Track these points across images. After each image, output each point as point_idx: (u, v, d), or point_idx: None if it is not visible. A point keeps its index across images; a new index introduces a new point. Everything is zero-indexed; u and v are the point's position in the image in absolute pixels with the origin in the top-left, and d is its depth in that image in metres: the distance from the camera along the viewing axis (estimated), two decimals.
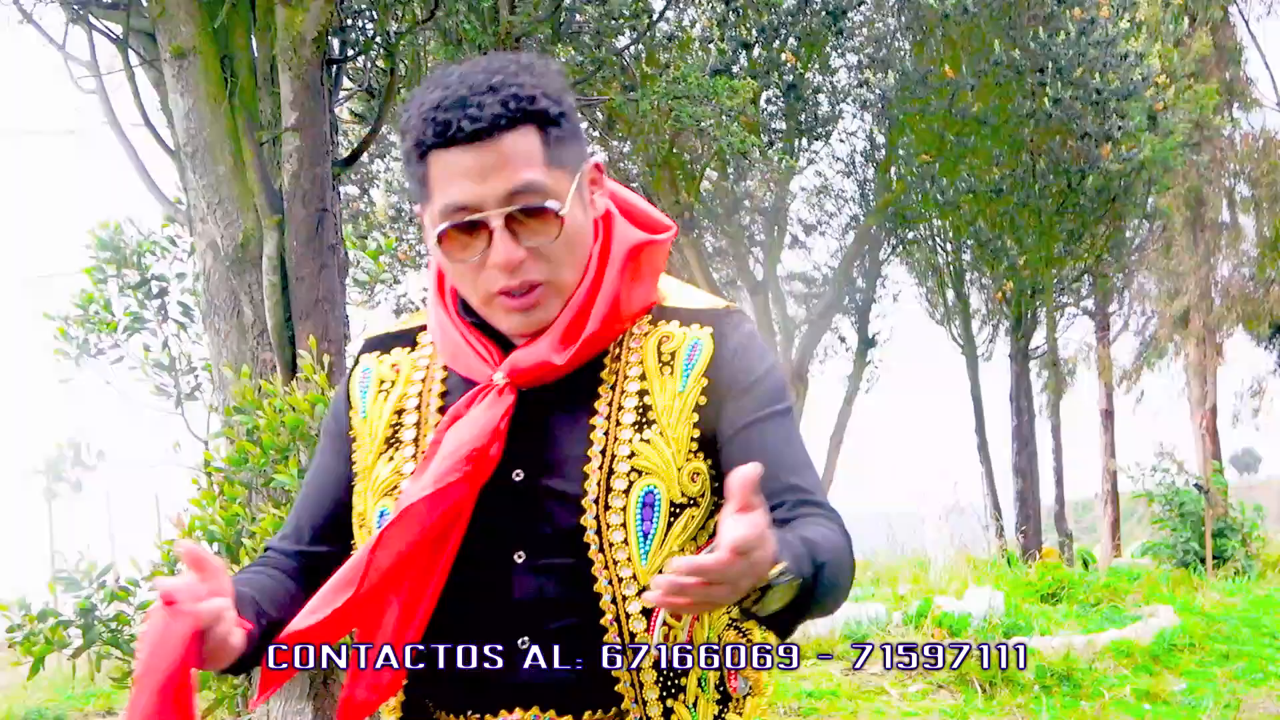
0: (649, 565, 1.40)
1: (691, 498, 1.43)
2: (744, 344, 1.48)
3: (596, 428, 1.43)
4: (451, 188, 1.37)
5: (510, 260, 1.37)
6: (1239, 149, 19.83)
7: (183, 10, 4.38)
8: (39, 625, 3.72)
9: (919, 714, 6.52)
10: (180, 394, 4.99)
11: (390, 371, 1.55)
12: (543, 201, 1.37)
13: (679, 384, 1.44)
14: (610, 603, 1.40)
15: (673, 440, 1.43)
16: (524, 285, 1.40)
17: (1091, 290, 19.41)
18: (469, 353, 1.46)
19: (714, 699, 1.47)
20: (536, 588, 1.41)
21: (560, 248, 1.40)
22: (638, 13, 9.18)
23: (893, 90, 14.27)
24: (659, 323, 1.49)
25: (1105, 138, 13.75)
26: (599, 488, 1.41)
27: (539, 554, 1.42)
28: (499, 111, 1.36)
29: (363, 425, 1.53)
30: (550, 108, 1.39)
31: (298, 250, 4.40)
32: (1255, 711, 6.80)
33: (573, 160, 1.42)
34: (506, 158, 1.36)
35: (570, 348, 1.43)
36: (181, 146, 4.49)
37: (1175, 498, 13.59)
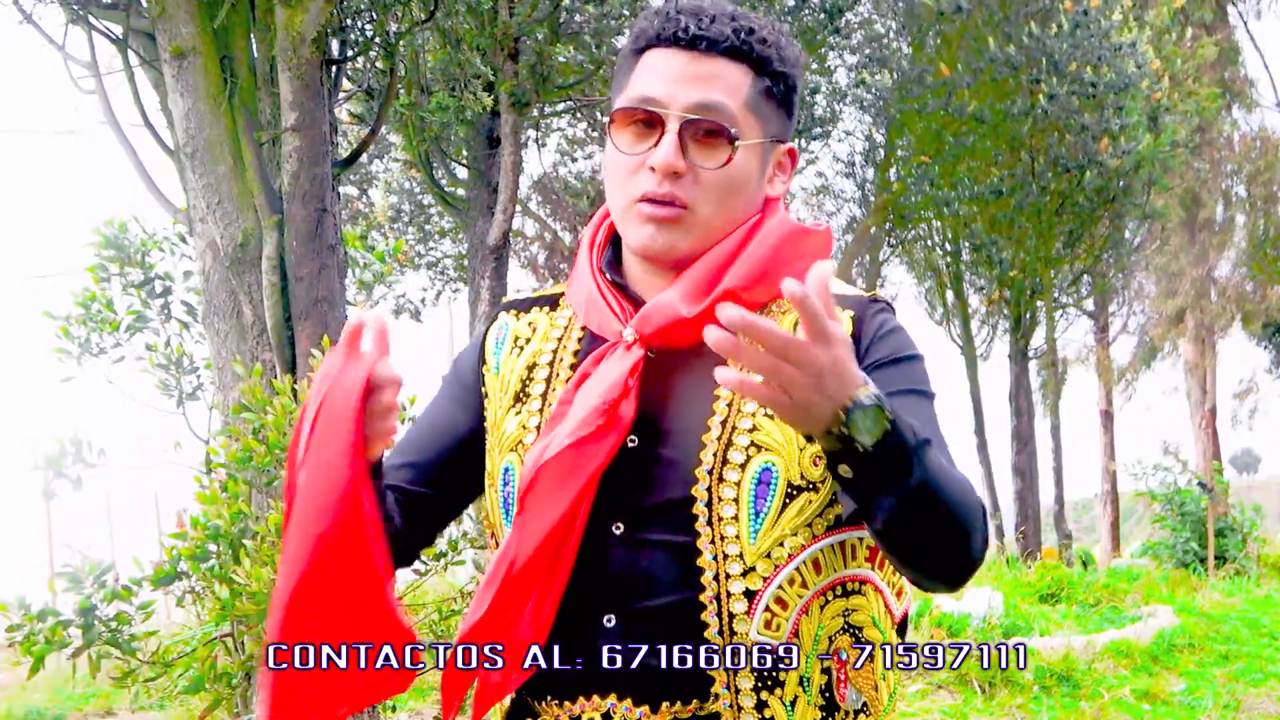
0: (758, 545, 1.33)
1: (812, 482, 1.35)
2: (885, 328, 1.41)
3: (721, 398, 1.37)
4: (650, 79, 1.37)
5: (669, 164, 1.34)
6: (1237, 149, 19.84)
7: (182, 10, 4.38)
8: (39, 625, 3.72)
9: (918, 714, 6.53)
10: (182, 393, 4.99)
11: (526, 329, 1.51)
12: (724, 125, 1.35)
13: None
14: (713, 579, 1.33)
15: None
16: (670, 197, 1.36)
17: (1091, 290, 19.41)
18: (603, 307, 1.42)
19: (817, 703, 1.36)
20: (630, 562, 1.35)
21: (718, 181, 1.37)
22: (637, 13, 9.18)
23: (890, 90, 14.28)
24: None
25: (1103, 132, 13.76)
26: (715, 459, 1.34)
27: (639, 527, 1.35)
28: (727, 33, 1.36)
29: (494, 380, 1.50)
30: (773, 61, 1.39)
31: (297, 250, 4.40)
32: (1255, 712, 6.80)
33: (772, 123, 1.41)
34: (711, 75, 1.36)
35: (701, 301, 1.36)
36: (181, 146, 4.49)
37: (1176, 497, 13.59)
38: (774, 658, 1.33)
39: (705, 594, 1.33)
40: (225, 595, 3.65)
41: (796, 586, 1.35)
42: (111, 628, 3.84)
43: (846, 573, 1.39)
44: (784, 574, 1.34)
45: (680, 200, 1.36)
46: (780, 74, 1.39)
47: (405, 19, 5.33)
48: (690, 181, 1.36)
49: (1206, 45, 17.56)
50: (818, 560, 1.36)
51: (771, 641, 1.33)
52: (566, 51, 9.07)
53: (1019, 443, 17.52)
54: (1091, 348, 21.33)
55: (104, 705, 7.74)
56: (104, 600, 3.84)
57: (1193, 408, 20.72)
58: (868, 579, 1.41)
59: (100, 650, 3.86)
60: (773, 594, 1.34)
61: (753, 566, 1.33)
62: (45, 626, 3.74)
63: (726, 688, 1.33)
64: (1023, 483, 17.37)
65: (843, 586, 1.39)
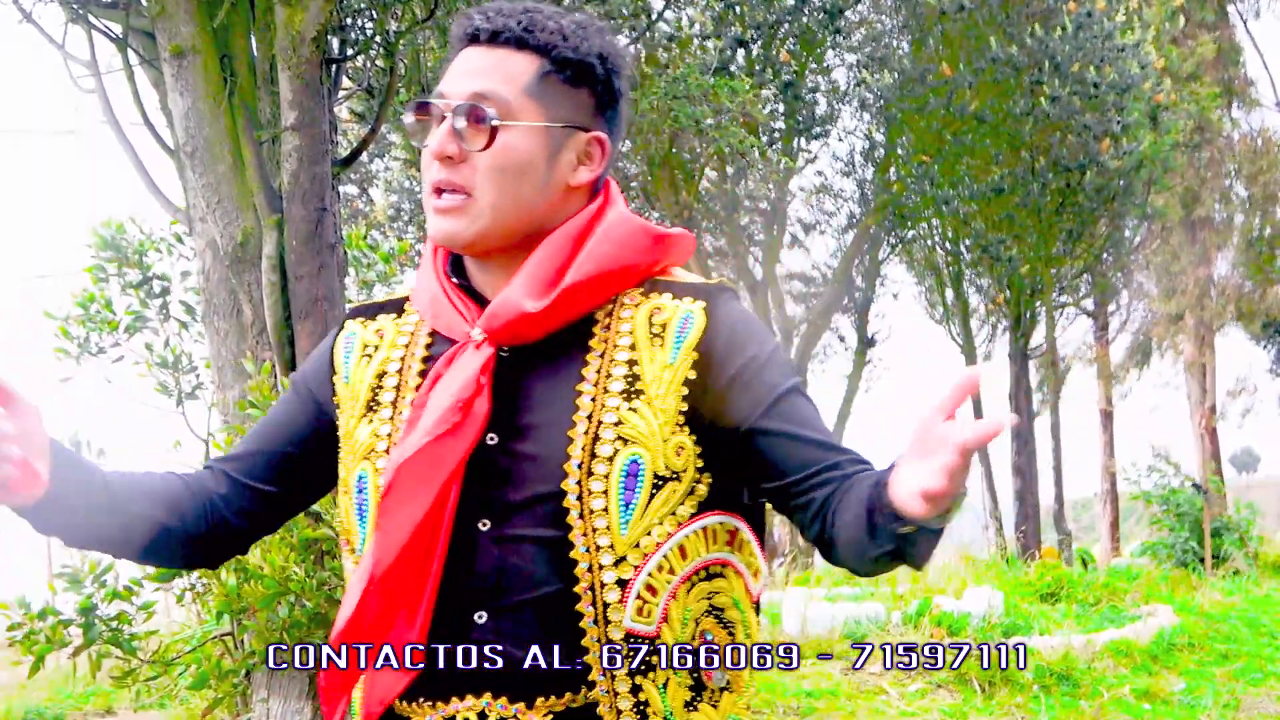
0: (628, 536, 1.37)
1: (675, 471, 1.39)
2: (741, 321, 1.44)
3: (583, 394, 1.40)
4: (446, 78, 1.43)
5: (440, 149, 1.39)
6: (1237, 148, 19.85)
7: (182, 10, 4.38)
8: (39, 624, 3.72)
9: (918, 714, 6.53)
10: (181, 393, 4.99)
11: (374, 337, 1.53)
12: (490, 110, 1.39)
13: (669, 355, 1.41)
14: (586, 571, 1.36)
15: (660, 411, 1.39)
16: (450, 184, 1.40)
17: (1090, 289, 19.42)
18: (449, 309, 1.45)
19: (686, 684, 1.42)
20: (499, 558, 1.37)
21: (488, 165, 1.40)
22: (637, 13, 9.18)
23: (891, 89, 14.28)
24: (651, 294, 1.45)
25: (1104, 132, 13.76)
26: (583, 453, 1.37)
27: (506, 523, 1.37)
28: (512, 27, 1.41)
29: (345, 390, 1.51)
30: (560, 49, 1.42)
31: (297, 250, 4.40)
32: (1255, 711, 6.80)
33: (560, 108, 1.43)
34: (492, 65, 1.40)
35: (545, 296, 1.39)
36: (181, 146, 4.48)
37: (1172, 498, 13.60)
38: (647, 643, 1.38)
39: (579, 585, 1.36)
40: (232, 583, 3.65)
41: (665, 573, 1.39)
42: (112, 627, 3.85)
43: (709, 557, 1.43)
44: (653, 561, 1.38)
45: (459, 186, 1.40)
46: (567, 60, 1.42)
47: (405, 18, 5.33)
48: (467, 167, 1.40)
49: (1206, 44, 17.56)
50: (683, 546, 1.41)
51: (644, 628, 1.38)
52: None
53: (1019, 442, 17.53)
54: (1091, 346, 21.34)
55: (104, 705, 7.74)
56: (105, 599, 3.84)
57: (1192, 407, 20.73)
58: (728, 562, 1.46)
59: (101, 649, 3.87)
60: (643, 581, 1.38)
61: (624, 556, 1.37)
62: (46, 625, 3.74)
63: (603, 675, 1.37)
64: (1022, 482, 17.37)
65: (706, 570, 1.43)
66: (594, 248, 1.42)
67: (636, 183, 15.54)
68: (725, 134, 9.68)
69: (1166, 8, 14.72)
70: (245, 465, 1.55)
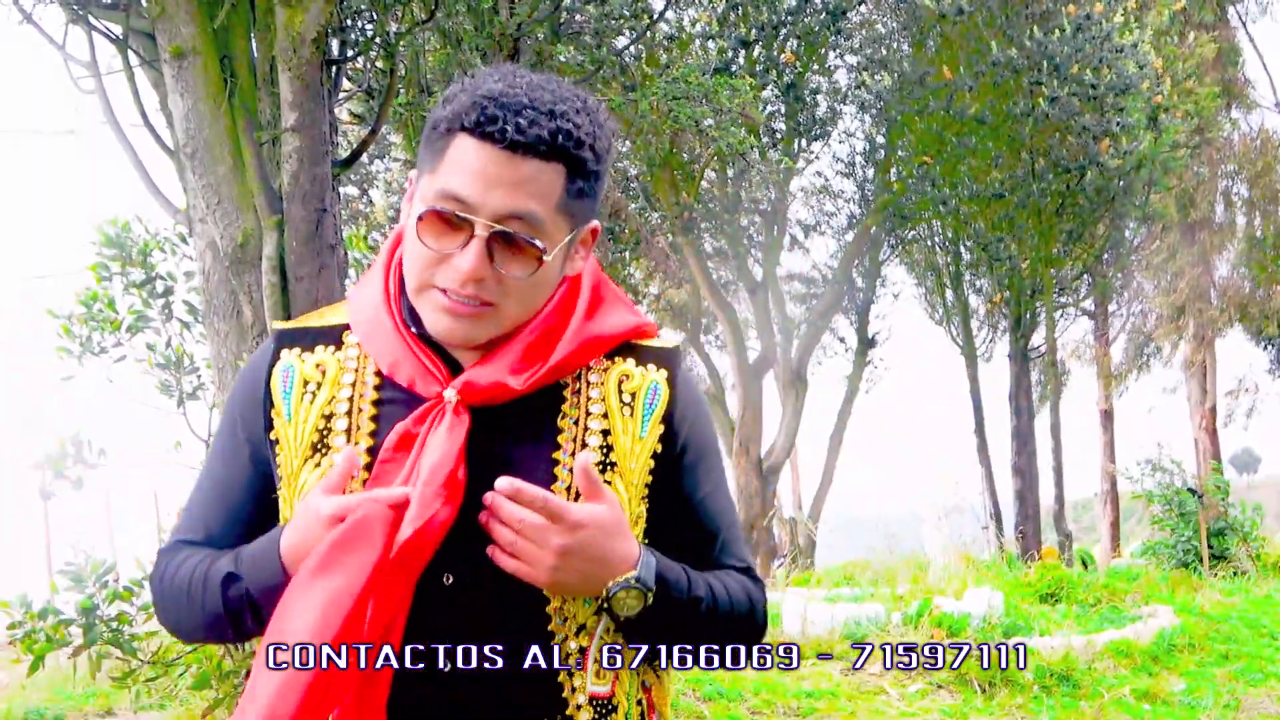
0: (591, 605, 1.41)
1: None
2: (694, 397, 1.51)
3: (561, 463, 1.41)
4: (462, 176, 1.34)
5: (475, 273, 1.35)
6: (1236, 149, 19.85)
7: (182, 10, 4.38)
8: (39, 623, 3.72)
9: (918, 714, 6.53)
10: (182, 393, 4.99)
11: (315, 372, 1.49)
12: (533, 238, 1.35)
13: (640, 428, 1.45)
14: (562, 640, 1.41)
15: (630, 485, 1.44)
16: (474, 298, 1.37)
17: (1090, 290, 19.42)
18: (414, 364, 1.43)
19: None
20: (466, 611, 1.38)
21: (525, 286, 1.38)
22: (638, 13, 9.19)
23: (891, 91, 14.28)
24: (616, 358, 1.48)
25: (1104, 133, 13.77)
26: None
27: (475, 579, 1.38)
28: (544, 137, 1.33)
29: (286, 427, 1.47)
30: (589, 161, 1.38)
31: (297, 250, 4.40)
32: (1255, 711, 6.80)
33: (580, 215, 1.41)
34: (525, 180, 1.34)
35: (529, 374, 1.41)
36: (181, 147, 4.49)
37: (1175, 498, 13.60)
38: (605, 703, 1.44)
39: (555, 656, 1.41)
40: None
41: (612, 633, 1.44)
42: (113, 627, 3.85)
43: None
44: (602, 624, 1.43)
45: (484, 300, 1.38)
46: (594, 171, 1.39)
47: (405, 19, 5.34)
48: (494, 283, 1.37)
49: (1206, 45, 17.56)
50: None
51: (602, 689, 1.44)
52: (567, 51, 9.07)
53: (1019, 442, 17.52)
54: (1091, 347, 21.34)
55: (104, 705, 7.74)
56: (106, 600, 3.85)
57: (1192, 407, 20.73)
58: None
59: (101, 650, 3.87)
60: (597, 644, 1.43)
61: (583, 624, 1.42)
62: (46, 625, 3.74)
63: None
64: (1023, 482, 17.37)
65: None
66: (578, 328, 1.44)
67: (636, 183, 15.54)
68: (725, 134, 9.69)
69: (1167, 9, 14.72)
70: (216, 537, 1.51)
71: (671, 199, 14.92)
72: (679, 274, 16.38)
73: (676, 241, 15.56)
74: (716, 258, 17.33)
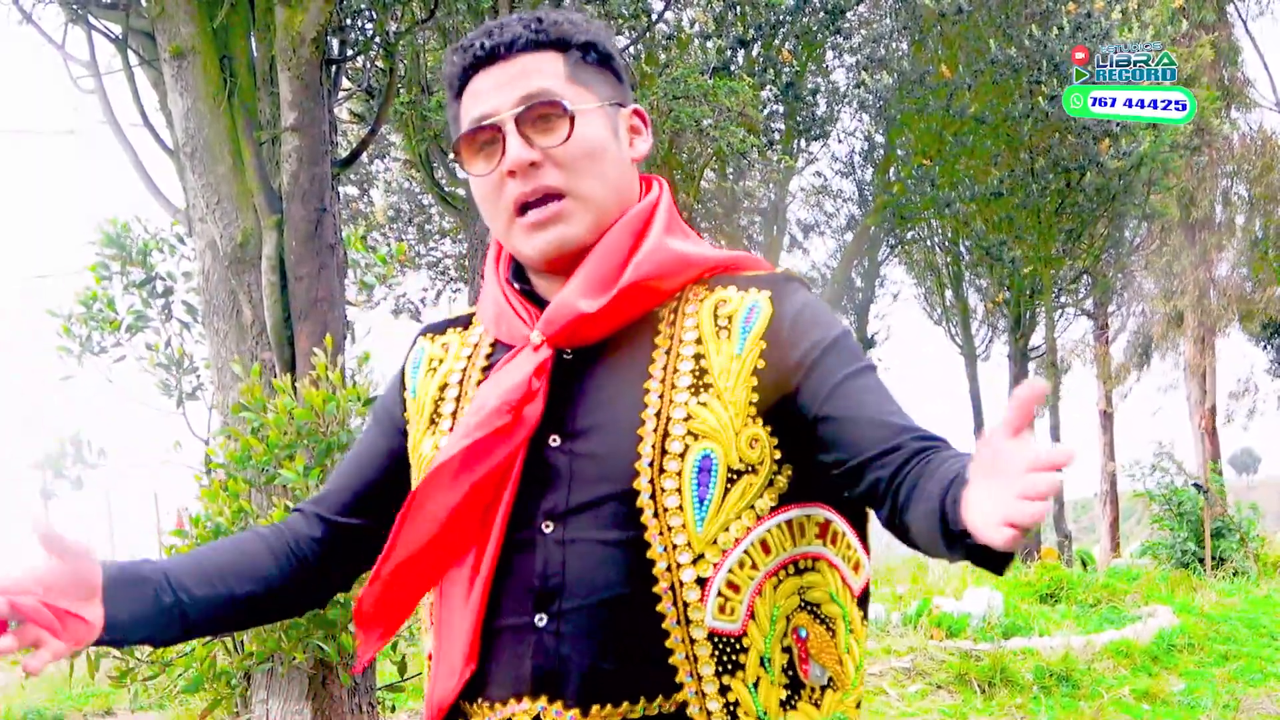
0: (704, 533, 1.32)
1: (750, 464, 1.35)
2: (807, 307, 1.40)
3: (650, 391, 1.36)
4: (473, 104, 1.39)
5: (520, 159, 1.35)
6: (1236, 149, 19.85)
7: (182, 10, 4.38)
8: None
9: (918, 714, 6.53)
10: (182, 393, 4.99)
11: (440, 350, 1.52)
12: (554, 100, 1.36)
13: (736, 346, 1.37)
14: (665, 570, 1.31)
15: (730, 404, 1.34)
16: (539, 191, 1.36)
17: (1090, 290, 19.42)
18: (510, 315, 1.42)
19: (781, 682, 1.36)
20: (563, 561, 1.33)
21: (577, 153, 1.36)
22: (637, 13, 9.19)
23: (890, 90, 14.28)
24: (716, 287, 1.41)
25: (1103, 133, 13.77)
26: (654, 450, 1.33)
27: (572, 525, 1.34)
28: (519, 32, 1.38)
29: (414, 404, 1.50)
30: (574, 35, 1.40)
31: (296, 250, 4.40)
32: (1254, 711, 6.80)
33: (598, 86, 1.41)
34: (524, 70, 1.37)
35: (602, 295, 1.36)
36: (180, 146, 4.49)
37: (1174, 498, 13.60)
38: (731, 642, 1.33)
39: (659, 585, 1.31)
40: None
41: (747, 569, 1.34)
42: None
43: (797, 551, 1.39)
44: (733, 558, 1.33)
45: (553, 190, 1.36)
46: (587, 43, 1.41)
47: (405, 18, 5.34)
48: (551, 167, 1.36)
49: (1206, 45, 17.57)
50: (765, 541, 1.36)
51: (727, 626, 1.33)
52: None
53: None
54: (1091, 347, 21.34)
55: (103, 705, 7.74)
56: None
57: (1192, 408, 20.73)
58: (820, 555, 1.41)
59: (99, 649, 3.86)
60: (724, 579, 1.33)
61: (701, 554, 1.32)
62: None
63: (691, 676, 1.32)
64: None
65: (795, 565, 1.39)
66: (653, 249, 1.39)
67: None
68: (725, 134, 9.68)
69: (1166, 9, 14.71)
70: (331, 504, 1.53)
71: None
72: None
73: None
74: None
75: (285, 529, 1.52)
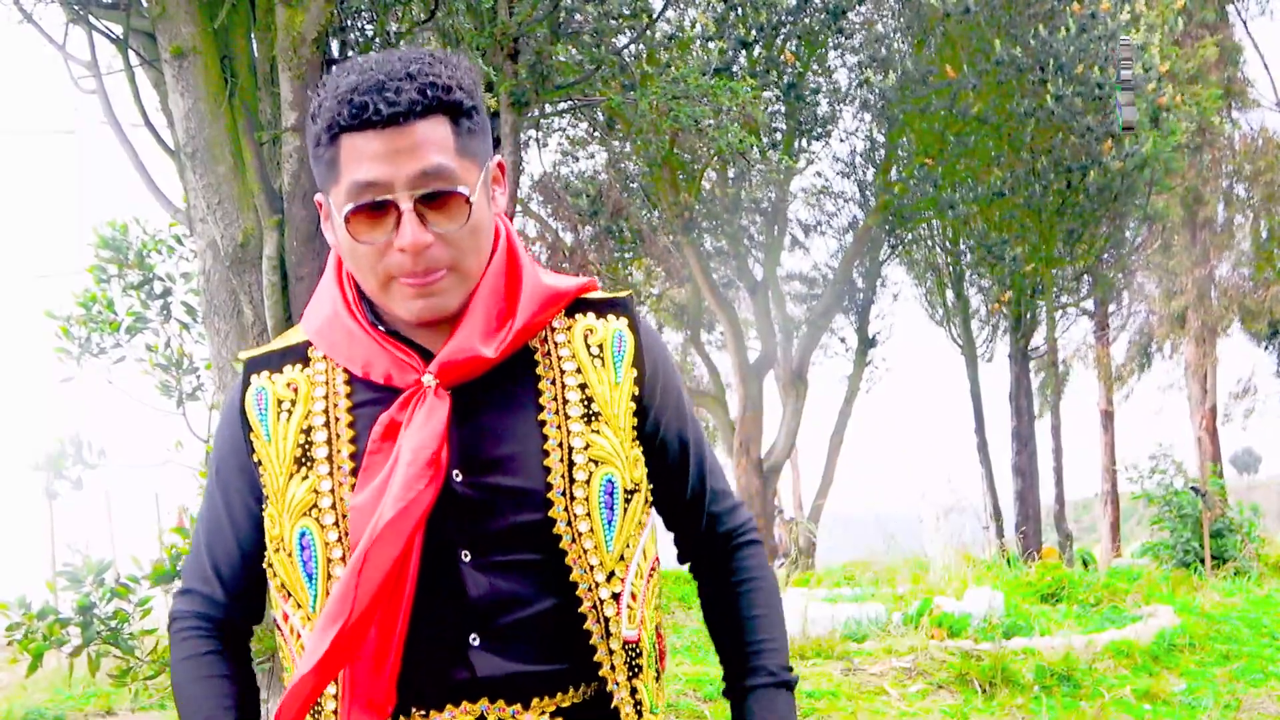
0: (614, 551, 1.46)
1: (636, 484, 1.50)
2: (654, 337, 1.57)
3: (547, 422, 1.46)
4: (363, 167, 1.38)
5: (418, 243, 1.37)
6: (1237, 149, 19.84)
7: (183, 10, 4.38)
8: (37, 623, 3.72)
9: (918, 714, 6.52)
10: (182, 393, 4.99)
11: (288, 391, 1.51)
12: (453, 186, 1.38)
13: (614, 375, 1.50)
14: (587, 590, 1.44)
15: (618, 430, 1.48)
16: (428, 270, 1.40)
17: (1091, 290, 19.41)
18: (388, 359, 1.45)
19: (654, 672, 1.54)
20: (487, 584, 1.42)
21: (466, 235, 1.41)
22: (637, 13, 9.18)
23: (893, 90, 14.27)
24: (575, 314, 1.53)
25: (1107, 133, 13.75)
26: (563, 480, 1.44)
27: (489, 551, 1.42)
28: (415, 98, 1.37)
29: (267, 447, 1.49)
30: (464, 100, 1.41)
31: (297, 250, 4.40)
32: (1255, 711, 6.80)
33: (480, 154, 1.44)
34: (418, 142, 1.37)
35: (498, 338, 1.44)
36: (181, 146, 4.49)
37: (1174, 499, 13.59)
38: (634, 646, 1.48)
39: (583, 605, 1.44)
40: None
41: (640, 578, 1.50)
42: (110, 626, 3.85)
43: (653, 554, 1.56)
44: (632, 570, 1.48)
45: (439, 266, 1.40)
46: (471, 107, 1.42)
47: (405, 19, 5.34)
48: (440, 247, 1.40)
49: (1208, 47, 17.55)
50: (645, 550, 1.52)
51: (632, 633, 1.48)
52: (566, 51, 9.07)
53: (1019, 443, 17.52)
54: (1092, 348, 21.33)
55: (104, 704, 7.74)
56: (103, 599, 3.84)
57: (1193, 408, 20.72)
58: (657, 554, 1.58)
59: (100, 649, 3.87)
60: (629, 590, 1.48)
61: (612, 571, 1.46)
62: (44, 625, 3.74)
63: (615, 685, 1.46)
64: (1023, 482, 17.37)
65: (652, 567, 1.55)
66: (533, 289, 1.48)
67: (636, 183, 15.54)
68: (725, 134, 9.68)
69: (1169, 9, 14.70)
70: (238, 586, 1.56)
71: (672, 199, 14.93)
72: (679, 274, 16.38)
73: (677, 241, 15.56)
74: (717, 258, 17.32)
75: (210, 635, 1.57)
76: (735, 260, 16.97)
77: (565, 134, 14.91)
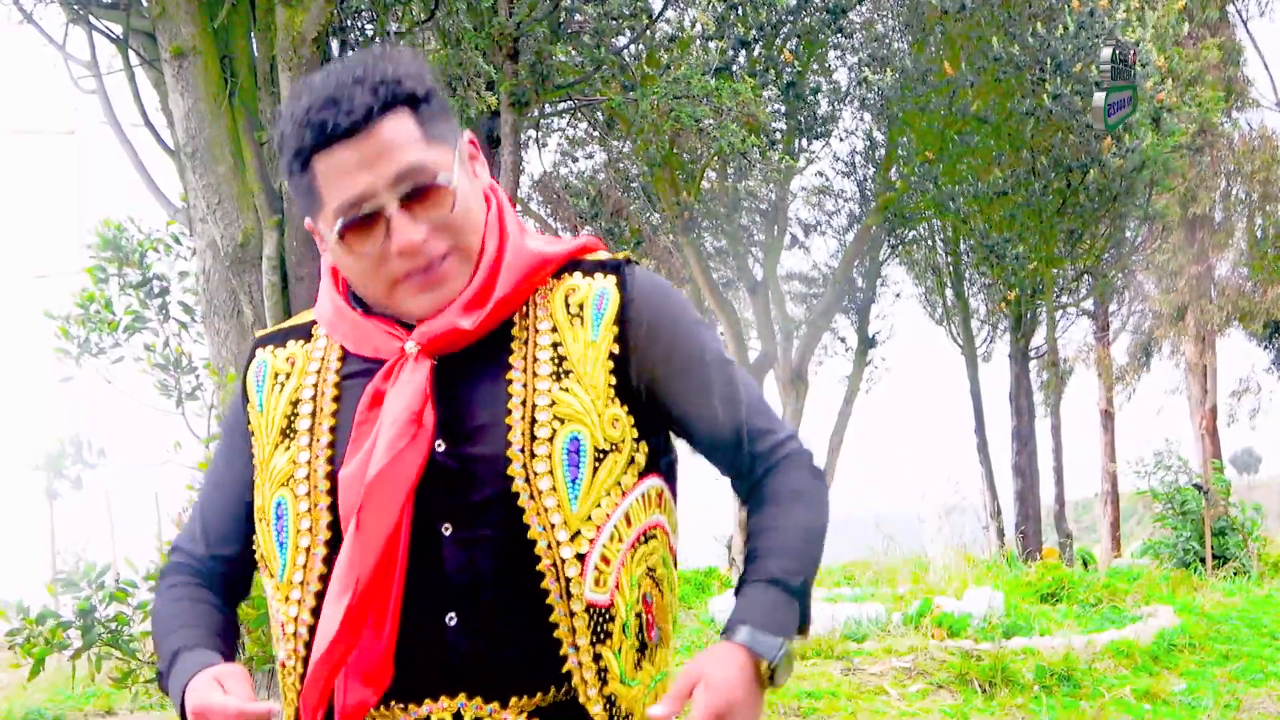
0: (579, 511, 1.42)
1: (613, 443, 1.45)
2: (650, 291, 1.51)
3: (514, 382, 1.44)
4: (341, 185, 1.39)
5: (412, 242, 1.39)
6: (1236, 149, 19.84)
7: (183, 10, 4.38)
8: (38, 628, 3.72)
9: (918, 714, 6.52)
10: (181, 393, 4.99)
11: (285, 364, 1.55)
12: (431, 179, 1.40)
13: (591, 333, 1.47)
14: (546, 549, 1.40)
15: (590, 388, 1.44)
16: (430, 263, 1.41)
17: (1091, 290, 19.41)
18: (373, 332, 1.47)
19: (634, 646, 1.47)
20: (466, 559, 1.40)
21: (457, 218, 1.42)
22: (637, 13, 9.17)
23: (892, 89, 14.27)
24: (563, 275, 1.51)
25: (1106, 132, 13.74)
26: (524, 437, 1.42)
27: (468, 524, 1.41)
28: (369, 100, 1.38)
29: (259, 419, 1.53)
30: (416, 88, 1.42)
31: (297, 250, 4.40)
32: (1255, 711, 6.80)
33: (449, 135, 1.45)
34: (387, 143, 1.38)
35: (478, 311, 1.44)
36: (181, 146, 4.49)
37: (1178, 496, 13.58)
38: (603, 612, 1.43)
39: (541, 564, 1.40)
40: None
41: (616, 542, 1.45)
42: (110, 628, 3.84)
43: (648, 521, 1.49)
44: (605, 532, 1.43)
45: (438, 254, 1.42)
46: (426, 92, 1.43)
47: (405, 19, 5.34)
48: (435, 236, 1.41)
49: (1210, 48, 17.55)
50: (628, 515, 1.46)
51: (600, 598, 1.43)
52: (566, 51, 9.06)
53: (1019, 443, 17.52)
54: (1092, 347, 21.34)
55: (105, 705, 7.74)
56: (103, 601, 3.84)
57: (1193, 407, 20.73)
58: (659, 524, 1.52)
59: (100, 651, 3.87)
60: (599, 553, 1.43)
61: (578, 531, 1.42)
62: (45, 629, 3.74)
63: (572, 648, 1.41)
64: (1023, 482, 17.36)
65: (645, 535, 1.49)
66: (514, 257, 1.47)
67: (637, 183, 15.54)
68: (726, 133, 9.68)
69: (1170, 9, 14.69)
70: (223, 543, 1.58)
71: (672, 199, 14.92)
72: (679, 274, 16.38)
73: (677, 241, 15.56)
74: (717, 257, 17.32)
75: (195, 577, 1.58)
76: (735, 260, 16.96)
77: (565, 134, 14.91)
